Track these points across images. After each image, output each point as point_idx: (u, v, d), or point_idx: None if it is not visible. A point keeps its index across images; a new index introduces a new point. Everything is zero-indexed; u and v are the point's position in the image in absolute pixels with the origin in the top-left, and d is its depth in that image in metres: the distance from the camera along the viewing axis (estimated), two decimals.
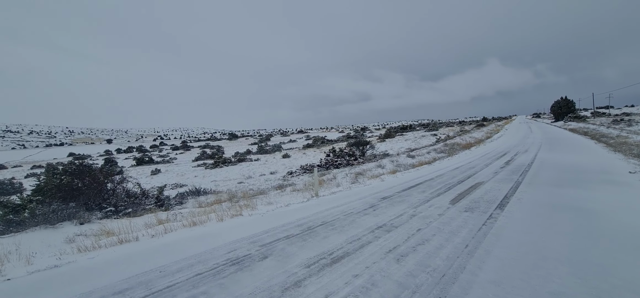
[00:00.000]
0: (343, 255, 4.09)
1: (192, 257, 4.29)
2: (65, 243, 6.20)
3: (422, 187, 8.80)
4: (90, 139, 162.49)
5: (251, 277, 3.58)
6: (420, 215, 5.84)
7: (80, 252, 4.89)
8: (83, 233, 6.92)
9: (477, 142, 26.63)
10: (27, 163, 51.02)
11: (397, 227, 5.21)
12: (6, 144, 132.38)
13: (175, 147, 64.64)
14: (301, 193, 9.85)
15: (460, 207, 6.33)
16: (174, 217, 7.69)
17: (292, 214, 6.60)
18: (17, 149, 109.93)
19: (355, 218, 5.95)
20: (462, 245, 4.26)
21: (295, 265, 3.85)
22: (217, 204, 9.25)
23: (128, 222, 7.37)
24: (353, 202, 7.46)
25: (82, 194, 9.52)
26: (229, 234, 5.32)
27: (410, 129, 62.58)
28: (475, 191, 7.82)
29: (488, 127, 52.37)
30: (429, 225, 5.19)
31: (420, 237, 4.64)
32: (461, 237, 4.55)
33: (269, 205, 8.03)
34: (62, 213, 8.28)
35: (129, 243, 5.19)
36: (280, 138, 72.50)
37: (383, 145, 32.32)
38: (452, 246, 4.23)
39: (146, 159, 38.11)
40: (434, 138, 36.17)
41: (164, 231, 5.73)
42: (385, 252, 4.14)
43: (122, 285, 3.52)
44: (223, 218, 6.50)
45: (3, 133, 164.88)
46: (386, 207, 6.67)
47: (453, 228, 4.96)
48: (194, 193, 13.42)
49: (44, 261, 4.52)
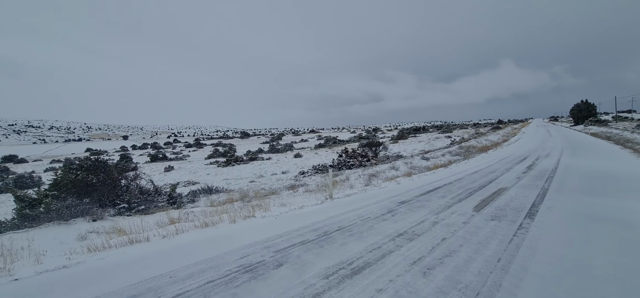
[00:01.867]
0: (364, 266, 3.80)
1: (204, 262, 4.08)
2: (77, 240, 6.11)
3: (441, 192, 8.42)
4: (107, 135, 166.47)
5: (266, 287, 3.34)
6: (444, 223, 5.49)
7: (91, 251, 4.75)
8: (95, 230, 6.83)
9: (494, 145, 25.86)
10: (46, 157, 52.47)
11: (419, 235, 4.89)
12: (28, 139, 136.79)
13: (189, 144, 65.41)
14: (314, 194, 9.60)
15: (485, 214, 5.95)
16: (185, 216, 7.55)
17: (307, 217, 6.35)
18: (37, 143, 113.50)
19: (374, 224, 5.65)
20: (493, 258, 3.91)
21: (312, 275, 3.58)
22: (229, 203, 9.09)
23: (140, 220, 7.26)
24: (369, 206, 7.16)
25: (96, 190, 9.50)
26: (241, 237, 5.10)
27: (423, 130, 61.64)
28: (500, 197, 7.40)
29: (504, 129, 51.04)
30: (454, 235, 4.85)
31: (446, 248, 4.31)
32: (491, 249, 4.20)
33: (282, 206, 7.80)
34: (75, 209, 8.25)
35: (140, 243, 5.03)
36: (291, 137, 72.51)
37: (396, 146, 31.80)
38: (482, 259, 3.88)
39: (160, 156, 38.60)
40: (448, 140, 35.41)
41: (175, 231, 5.56)
42: (410, 263, 3.83)
43: (131, 291, 3.33)
44: (235, 219, 6.30)
45: (25, 128, 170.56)
46: (405, 213, 6.34)
47: (481, 239, 4.61)
48: (206, 191, 13.34)
49: (54, 260, 4.39)
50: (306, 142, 56.99)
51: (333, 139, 48.78)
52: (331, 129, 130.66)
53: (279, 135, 77.87)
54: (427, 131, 59.00)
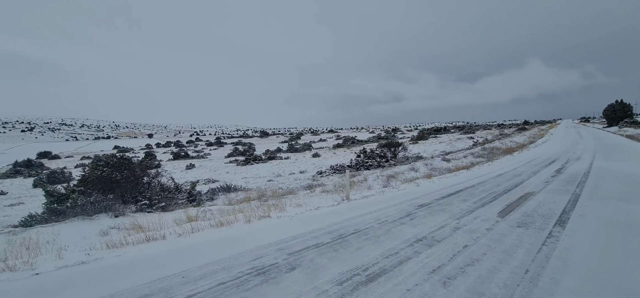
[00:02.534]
0: (380, 273, 3.63)
1: (217, 262, 4.04)
2: (99, 235, 6.26)
3: (463, 195, 8.08)
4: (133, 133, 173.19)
5: (277, 292, 3.24)
6: (465, 229, 5.22)
7: (109, 248, 4.84)
8: (116, 226, 7.00)
9: (520, 146, 24.78)
10: (77, 154, 55.13)
11: (439, 241, 4.66)
12: (61, 136, 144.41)
13: (210, 143, 66.87)
14: (331, 195, 9.47)
15: (511, 221, 5.62)
16: (203, 214, 7.60)
17: (322, 219, 6.23)
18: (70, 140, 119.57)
19: (391, 227, 5.46)
20: (520, 269, 3.64)
21: (326, 281, 3.46)
22: (246, 203, 9.11)
23: (158, 217, 7.38)
24: (387, 209, 6.95)
25: (119, 186, 9.78)
26: (255, 238, 5.05)
27: (444, 131, 60.15)
28: (527, 203, 7.00)
29: (530, 131, 48.90)
30: (476, 242, 4.58)
31: (468, 256, 4.06)
32: (518, 259, 3.92)
33: (298, 206, 7.72)
34: (100, 205, 8.50)
35: (156, 241, 5.08)
36: (310, 137, 72.67)
37: (416, 147, 31.15)
38: (508, 270, 3.63)
39: (182, 154, 39.62)
40: (470, 141, 34.34)
41: (190, 230, 5.58)
42: (429, 272, 3.63)
43: (143, 290, 3.33)
44: (251, 219, 6.27)
45: (59, 126, 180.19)
46: (425, 217, 6.10)
47: (506, 247, 4.33)
48: (225, 189, 13.50)
49: (74, 256, 4.49)
50: (325, 141, 56.92)
51: (351, 139, 48.43)
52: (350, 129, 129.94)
53: (298, 135, 78.19)
54: (449, 132, 57.51)
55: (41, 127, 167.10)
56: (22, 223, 8.21)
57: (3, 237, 6.17)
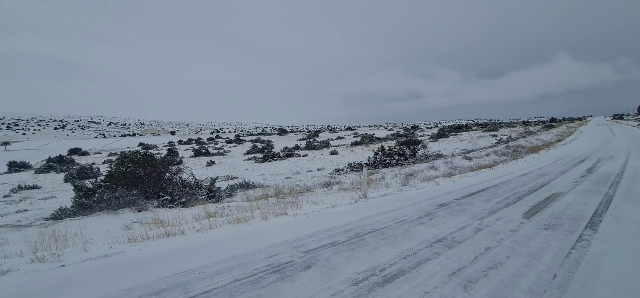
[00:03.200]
0: (397, 274, 3.54)
1: (233, 259, 4.07)
2: (122, 229, 6.47)
3: (486, 195, 7.80)
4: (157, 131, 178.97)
5: (292, 290, 3.22)
6: (488, 230, 5.02)
7: (131, 242, 4.98)
8: (139, 220, 7.21)
9: (546, 145, 23.72)
10: (105, 150, 57.56)
11: (459, 242, 4.50)
12: (90, 133, 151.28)
13: (229, 140, 68.10)
14: (348, 193, 9.38)
15: (537, 223, 5.36)
16: (222, 210, 7.71)
17: (338, 217, 6.17)
18: (98, 137, 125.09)
19: (409, 227, 5.33)
20: (547, 274, 3.45)
21: (341, 281, 3.40)
22: (264, 199, 9.18)
23: (178, 212, 7.55)
24: (405, 208, 6.80)
25: (143, 182, 10.09)
26: (272, 235, 5.05)
27: (465, 128, 58.55)
28: (554, 204, 6.66)
29: (558, 128, 46.73)
30: (500, 244, 4.39)
31: (490, 259, 3.90)
32: (545, 263, 3.72)
33: (314, 204, 7.69)
34: (124, 200, 8.80)
35: (175, 236, 5.19)
36: (328, 134, 72.61)
37: (436, 145, 30.47)
38: (534, 275, 3.44)
39: (203, 151, 40.55)
40: (493, 139, 33.22)
41: (208, 226, 5.67)
42: (448, 274, 3.50)
43: (161, 284, 3.39)
44: (267, 216, 6.29)
45: (88, 123, 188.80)
46: (445, 217, 5.92)
47: (532, 251, 4.12)
48: (243, 186, 13.68)
49: (98, 249, 4.65)
50: (342, 139, 56.69)
51: (370, 137, 47.98)
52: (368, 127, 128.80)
53: (316, 132, 78.31)
54: (470, 129, 55.92)
55: (72, 124, 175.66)
56: (52, 216, 8.62)
57: (35, 229, 6.50)
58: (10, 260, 4.21)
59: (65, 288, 3.39)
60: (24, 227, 7.05)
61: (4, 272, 3.78)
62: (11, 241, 5.51)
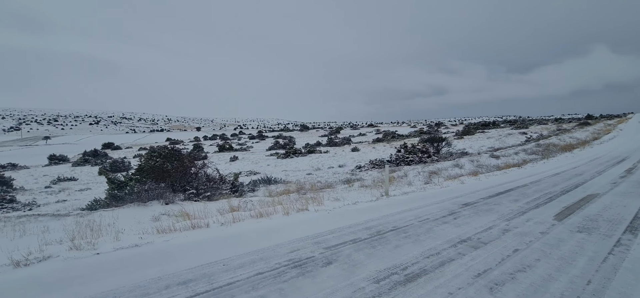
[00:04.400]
0: (419, 273, 3.48)
1: (255, 252, 4.15)
2: (151, 221, 6.75)
3: (514, 195, 7.50)
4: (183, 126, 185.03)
5: (313, 286, 3.24)
6: (516, 231, 4.83)
7: (159, 233, 5.19)
8: (166, 212, 7.50)
9: (581, 143, 22.43)
10: (136, 145, 60.21)
11: (485, 243, 4.35)
12: (122, 129, 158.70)
13: (252, 136, 69.28)
14: (370, 190, 9.32)
15: (570, 225, 5.09)
16: (245, 205, 7.87)
17: (360, 214, 6.14)
18: (129, 133, 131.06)
19: (432, 226, 5.22)
20: (581, 279, 3.27)
21: (362, 278, 3.39)
22: (286, 195, 9.28)
23: (203, 206, 7.79)
24: (428, 206, 6.67)
25: (170, 176, 10.48)
26: (293, 230, 5.11)
27: (493, 125, 56.42)
28: (589, 205, 6.30)
29: (594, 126, 43.98)
30: (529, 246, 4.21)
31: (518, 261, 3.74)
32: (578, 268, 3.53)
33: (336, 201, 7.70)
34: (152, 193, 9.18)
35: (201, 229, 5.35)
36: (349, 131, 72.21)
37: (461, 142, 29.59)
38: (566, 279, 3.28)
39: (227, 146, 41.53)
40: (523, 137, 31.83)
41: (232, 220, 5.81)
42: (473, 275, 3.40)
43: (187, 275, 3.51)
44: (289, 211, 6.37)
45: (120, 119, 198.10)
46: (470, 216, 5.74)
47: (564, 254, 3.92)
48: (266, 181, 13.90)
49: (129, 239, 4.88)
50: (364, 136, 56.23)
51: (392, 134, 47.29)
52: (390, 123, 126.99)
53: (337, 129, 78.11)
54: (498, 126, 53.82)
55: (105, 120, 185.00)
56: (88, 206, 9.14)
57: (72, 218, 6.91)
58: (51, 247, 4.51)
59: (99, 275, 3.59)
60: (63, 216, 7.52)
61: (46, 257, 4.06)
62: (52, 229, 5.89)
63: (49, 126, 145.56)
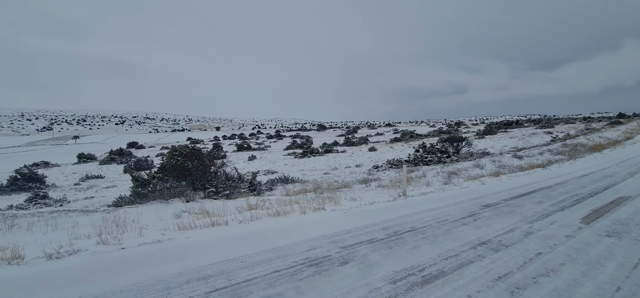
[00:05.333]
0: (437, 275, 3.43)
1: (273, 250, 4.21)
2: (173, 218, 6.96)
3: (538, 196, 7.24)
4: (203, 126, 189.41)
5: (329, 284, 3.26)
6: (539, 234, 4.67)
7: (180, 230, 5.36)
8: (187, 210, 7.71)
9: (611, 143, 21.31)
10: (158, 144, 62.17)
11: (507, 246, 4.23)
12: (145, 128, 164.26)
13: (270, 135, 70.04)
14: (387, 190, 9.23)
15: (598, 229, 4.87)
16: (262, 203, 7.99)
17: (377, 214, 6.10)
18: (152, 132, 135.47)
19: (451, 227, 5.12)
20: (610, 286, 3.13)
21: (378, 278, 3.38)
22: (303, 194, 9.35)
23: (222, 204, 7.96)
24: (447, 207, 6.54)
25: (191, 174, 10.76)
26: (310, 229, 5.15)
27: (516, 125, 54.58)
28: (620, 209, 6.00)
29: (627, 125, 41.67)
30: (553, 250, 4.06)
31: (541, 265, 3.62)
32: (607, 274, 3.38)
33: (352, 200, 7.68)
34: (174, 191, 9.46)
35: (220, 226, 5.48)
36: (367, 131, 71.74)
37: (482, 142, 28.79)
38: (593, 285, 3.14)
39: (245, 146, 42.19)
40: (548, 136, 30.61)
41: (250, 218, 5.91)
42: (494, 278, 3.32)
43: (207, 271, 3.62)
44: (306, 211, 6.41)
45: (143, 119, 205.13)
46: (490, 218, 5.60)
47: (591, 259, 3.76)
48: (283, 180, 14.02)
49: (152, 235, 5.07)
50: (381, 135, 55.71)
51: (410, 133, 46.61)
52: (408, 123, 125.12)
53: (355, 128, 77.73)
54: (521, 126, 52.01)
55: (130, 120, 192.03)
56: (114, 203, 9.52)
57: (99, 214, 7.23)
58: (80, 241, 4.74)
59: (124, 269, 3.75)
60: (91, 212, 7.87)
61: (75, 251, 4.28)
62: (80, 224, 6.19)
63: (78, 126, 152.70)
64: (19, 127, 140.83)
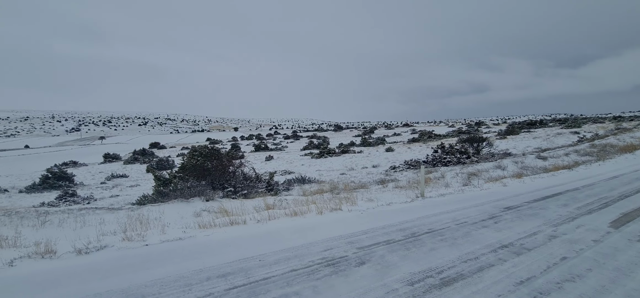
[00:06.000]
0: (456, 277, 3.38)
1: (290, 250, 4.27)
2: (193, 216, 7.15)
3: (563, 199, 6.97)
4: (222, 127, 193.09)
5: (346, 285, 3.28)
6: (564, 238, 4.50)
7: (200, 228, 5.50)
8: (207, 209, 7.90)
9: None
10: (179, 144, 63.90)
11: (529, 250, 4.11)
12: (167, 129, 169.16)
13: (287, 136, 70.57)
14: (404, 191, 9.13)
15: (628, 233, 4.64)
16: (279, 203, 8.08)
17: (394, 215, 6.06)
18: (173, 133, 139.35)
19: (471, 229, 5.02)
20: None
21: (395, 279, 3.36)
22: (319, 194, 9.38)
23: (240, 203, 8.11)
24: (466, 209, 6.41)
25: (210, 174, 11.02)
26: (327, 230, 5.17)
27: (540, 124, 52.62)
28: None
29: None
30: (579, 255, 3.91)
31: (566, 270, 3.50)
32: (638, 281, 3.23)
33: (369, 201, 7.65)
34: (194, 190, 9.71)
35: (238, 226, 5.59)
36: (384, 131, 71.04)
37: (503, 142, 27.95)
38: (622, 293, 3.01)
39: (262, 146, 42.70)
40: (574, 136, 29.35)
41: (268, 217, 6.00)
42: (515, 283, 3.24)
43: (226, 268, 3.71)
44: (323, 211, 6.44)
45: (165, 120, 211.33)
46: (512, 220, 5.45)
47: (621, 265, 3.60)
48: (300, 181, 14.12)
49: (174, 232, 5.23)
50: (399, 135, 55.06)
51: (428, 133, 45.83)
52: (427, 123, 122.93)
53: (371, 129, 77.16)
54: (546, 125, 50.10)
55: (152, 121, 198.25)
56: (137, 201, 9.88)
57: (124, 212, 7.52)
58: (106, 238, 4.96)
59: (148, 264, 3.90)
60: (116, 210, 8.20)
61: (102, 247, 4.48)
62: (107, 221, 6.46)
63: (104, 127, 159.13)
64: (50, 128, 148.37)
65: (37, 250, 4.29)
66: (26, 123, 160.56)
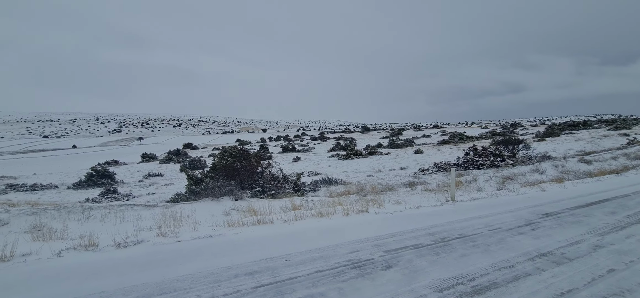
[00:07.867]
0: (489, 286, 3.22)
1: (316, 251, 4.27)
2: (223, 215, 7.37)
3: (610, 206, 6.45)
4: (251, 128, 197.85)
5: (372, 288, 3.23)
6: (612, 249, 4.16)
7: (229, 226, 5.66)
8: (236, 208, 8.12)
9: None
10: (210, 145, 66.25)
11: (571, 260, 3.83)
12: (199, 131, 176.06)
13: (314, 137, 70.95)
14: (434, 194, 8.86)
15: None
16: (306, 204, 8.13)
17: (422, 219, 5.90)
18: (205, 134, 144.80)
19: (505, 236, 4.77)
20: None
21: (424, 285, 3.26)
22: (346, 196, 9.34)
23: (268, 203, 8.25)
24: (501, 214, 6.10)
25: (239, 174, 11.31)
26: (353, 232, 5.13)
27: (583, 126, 49.08)
28: None
29: None
30: (629, 267, 3.59)
31: (614, 283, 3.23)
32: None
33: (397, 204, 7.50)
34: (224, 189, 10.01)
35: (265, 225, 5.69)
36: (412, 132, 69.45)
37: (542, 145, 26.36)
38: None
39: (290, 147, 43.25)
40: (623, 139, 27.08)
41: (294, 218, 6.06)
42: (555, 294, 3.03)
43: (253, 266, 3.78)
44: (349, 212, 6.40)
45: (198, 122, 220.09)
46: (552, 228, 5.12)
47: None
48: (326, 182, 14.13)
49: (204, 230, 5.42)
50: (428, 137, 53.57)
51: (459, 135, 44.21)
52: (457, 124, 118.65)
53: (399, 130, 75.70)
54: (590, 127, 46.64)
55: (186, 123, 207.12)
56: (171, 199, 10.34)
57: (159, 209, 7.90)
58: (143, 233, 5.24)
59: (180, 260, 4.07)
60: (152, 207, 8.63)
61: (139, 241, 4.73)
62: (143, 217, 6.82)
63: (142, 128, 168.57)
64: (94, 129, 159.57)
65: (81, 242, 4.62)
66: (74, 125, 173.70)
